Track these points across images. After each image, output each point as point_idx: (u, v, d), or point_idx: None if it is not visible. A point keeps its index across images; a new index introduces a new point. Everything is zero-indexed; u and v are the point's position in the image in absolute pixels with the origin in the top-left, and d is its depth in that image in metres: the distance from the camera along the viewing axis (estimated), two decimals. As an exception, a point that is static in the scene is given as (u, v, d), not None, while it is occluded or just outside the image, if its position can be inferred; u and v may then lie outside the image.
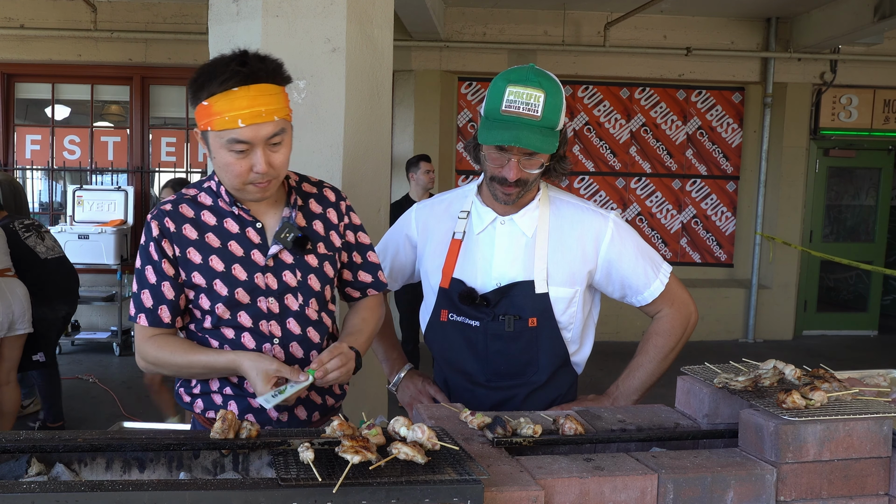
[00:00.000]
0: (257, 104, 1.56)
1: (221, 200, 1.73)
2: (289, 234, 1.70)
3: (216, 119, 1.57)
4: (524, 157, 1.78)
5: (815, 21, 7.29)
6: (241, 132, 1.56)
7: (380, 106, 2.79)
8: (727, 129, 8.13)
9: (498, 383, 1.93)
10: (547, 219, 1.91)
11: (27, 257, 4.30)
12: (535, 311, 1.88)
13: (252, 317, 1.71)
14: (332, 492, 1.06)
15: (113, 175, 7.71)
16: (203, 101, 1.59)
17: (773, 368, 1.49)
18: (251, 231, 1.72)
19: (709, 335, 7.94)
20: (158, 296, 1.69)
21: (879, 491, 1.31)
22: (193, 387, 1.77)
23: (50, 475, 1.29)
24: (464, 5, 7.40)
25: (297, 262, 1.74)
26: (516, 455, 1.32)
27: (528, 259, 1.89)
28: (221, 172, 1.65)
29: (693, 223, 8.21)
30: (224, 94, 1.56)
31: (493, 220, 1.92)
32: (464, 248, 1.94)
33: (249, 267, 1.70)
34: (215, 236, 1.71)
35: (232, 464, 1.37)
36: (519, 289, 1.87)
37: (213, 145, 1.62)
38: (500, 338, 1.89)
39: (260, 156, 1.59)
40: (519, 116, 1.74)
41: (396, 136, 7.52)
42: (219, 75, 1.57)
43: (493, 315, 1.88)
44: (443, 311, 1.95)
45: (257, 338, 1.71)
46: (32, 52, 7.23)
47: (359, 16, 2.66)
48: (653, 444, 1.46)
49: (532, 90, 1.75)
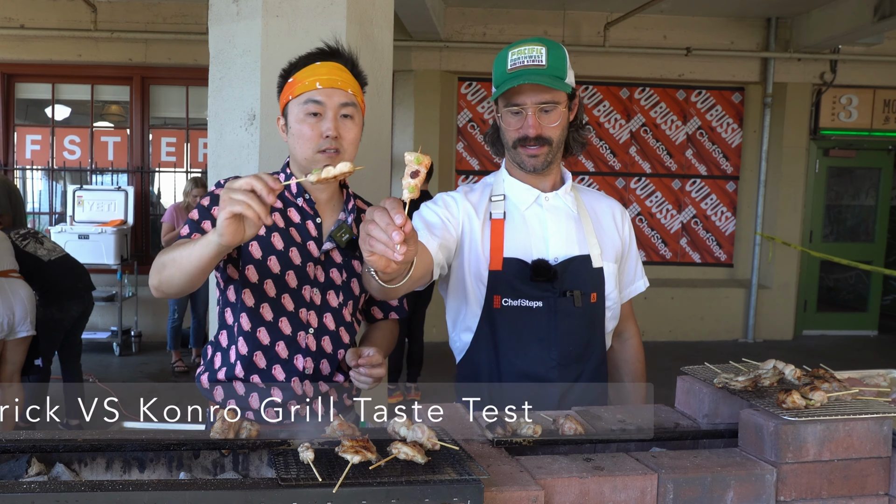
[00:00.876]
0: (334, 74, 1.74)
1: (288, 190, 1.81)
2: (344, 234, 1.78)
3: (297, 86, 1.74)
4: (541, 111, 1.79)
5: (815, 21, 7.29)
6: (317, 93, 1.72)
7: (380, 106, 2.79)
8: (727, 129, 8.13)
9: (566, 367, 1.82)
10: (581, 200, 1.95)
11: (30, 263, 4.30)
12: (595, 286, 1.85)
13: (294, 302, 1.76)
14: (332, 492, 1.06)
15: (113, 175, 7.71)
16: (289, 80, 1.77)
17: (773, 368, 1.49)
18: (311, 224, 1.80)
19: (709, 335, 7.95)
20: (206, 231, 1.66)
21: (879, 491, 1.32)
22: (217, 370, 1.79)
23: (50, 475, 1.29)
24: (464, 5, 7.40)
25: (344, 263, 1.83)
26: (516, 455, 1.32)
27: (580, 234, 1.87)
28: (295, 141, 1.75)
29: (693, 223, 8.22)
30: (307, 68, 1.75)
31: (538, 197, 1.88)
32: (510, 227, 1.85)
33: (304, 254, 1.78)
34: (280, 217, 1.79)
35: (232, 464, 1.37)
36: (578, 263, 1.84)
37: (291, 116, 1.75)
38: (569, 315, 1.81)
39: (331, 120, 1.71)
40: (525, 68, 1.78)
41: (396, 136, 7.52)
42: (305, 57, 1.78)
43: (559, 291, 1.80)
44: (495, 298, 1.82)
45: (294, 324, 1.76)
46: (32, 52, 7.23)
47: (359, 16, 2.66)
48: (653, 444, 1.46)
49: (533, 45, 1.80)
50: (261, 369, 1.76)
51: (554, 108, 1.79)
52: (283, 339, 1.77)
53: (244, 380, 1.77)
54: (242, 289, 1.75)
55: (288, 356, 1.77)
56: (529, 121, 1.79)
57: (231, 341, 1.80)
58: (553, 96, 1.79)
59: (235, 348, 1.78)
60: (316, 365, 1.79)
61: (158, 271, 1.63)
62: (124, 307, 6.87)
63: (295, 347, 1.77)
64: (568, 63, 1.82)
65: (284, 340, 1.77)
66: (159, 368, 6.54)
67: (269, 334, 1.76)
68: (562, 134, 1.84)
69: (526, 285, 1.80)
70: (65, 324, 4.47)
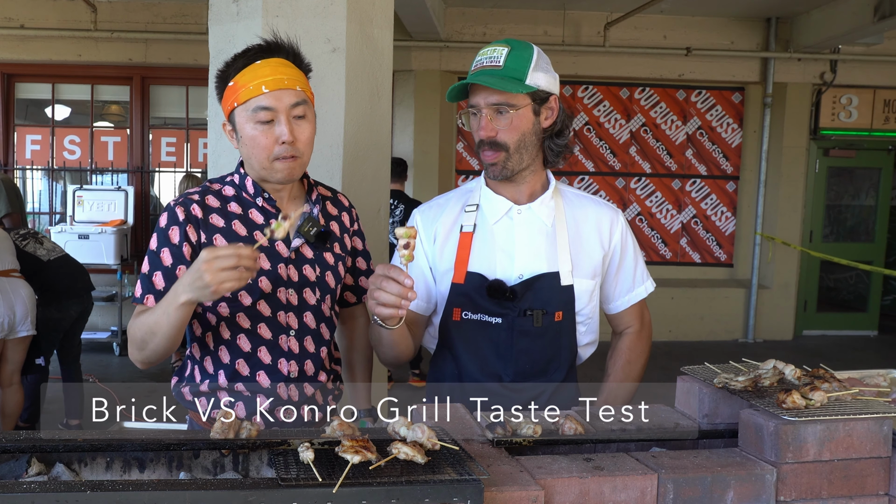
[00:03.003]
0: (279, 73, 1.65)
1: (245, 192, 1.75)
2: (312, 227, 1.73)
3: (241, 91, 1.64)
4: (494, 113, 1.73)
5: (815, 21, 7.29)
6: (265, 98, 1.63)
7: (380, 106, 2.79)
8: (727, 129, 8.13)
9: (522, 384, 1.81)
10: (563, 209, 1.86)
11: (30, 263, 4.31)
12: (561, 304, 1.79)
13: (271, 307, 1.72)
14: (332, 492, 1.06)
15: (113, 175, 7.71)
16: (230, 83, 1.67)
17: (773, 368, 1.49)
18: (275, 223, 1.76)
19: (709, 335, 7.95)
20: (172, 278, 1.66)
21: (879, 491, 1.31)
22: (200, 383, 1.75)
23: (50, 475, 1.29)
24: (464, 5, 7.40)
25: (316, 257, 1.78)
26: (516, 455, 1.32)
27: (551, 250, 1.80)
28: (249, 151, 1.68)
29: (693, 223, 8.21)
30: (248, 68, 1.65)
31: (510, 210, 1.82)
32: (478, 240, 1.82)
33: (273, 257, 1.72)
34: (242, 225, 1.73)
35: (232, 464, 1.37)
36: (545, 281, 1.78)
37: (239, 123, 1.67)
38: (527, 335, 1.78)
39: (284, 124, 1.64)
40: (482, 68, 1.76)
41: (396, 136, 7.52)
42: (243, 56, 1.68)
43: (518, 310, 1.76)
44: (455, 310, 1.81)
45: (274, 328, 1.72)
46: (32, 52, 7.23)
47: (359, 16, 2.67)
48: (653, 444, 1.46)
49: (497, 46, 1.76)
50: (244, 377, 1.72)
51: (507, 110, 1.72)
52: (265, 345, 1.73)
53: (228, 389, 1.73)
54: (218, 302, 1.70)
55: (271, 361, 1.73)
56: (482, 122, 1.75)
57: (206, 352, 1.75)
58: (506, 98, 1.72)
59: (215, 358, 1.73)
60: (300, 367, 1.75)
61: (140, 348, 1.63)
62: (124, 307, 6.87)
63: (278, 352, 1.73)
64: (534, 65, 1.74)
65: (266, 345, 1.73)
66: (159, 368, 6.52)
67: (249, 341, 1.72)
68: (521, 139, 1.75)
69: (486, 301, 1.78)
70: (63, 324, 4.47)
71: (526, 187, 1.83)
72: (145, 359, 1.65)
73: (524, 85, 1.72)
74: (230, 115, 1.69)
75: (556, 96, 1.79)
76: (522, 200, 1.84)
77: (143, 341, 1.62)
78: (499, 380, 1.81)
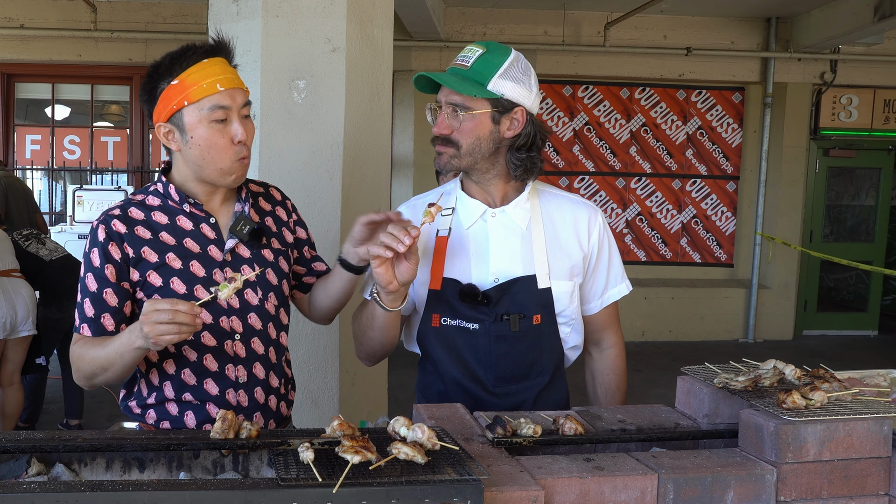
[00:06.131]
0: (228, 72, 1.64)
1: (170, 200, 1.70)
2: (244, 226, 1.69)
3: (193, 90, 1.59)
4: (451, 111, 1.73)
5: (815, 21, 7.29)
6: (220, 96, 1.60)
7: (380, 106, 2.79)
8: (727, 129, 8.13)
9: (504, 388, 1.80)
10: (539, 211, 1.82)
11: (32, 262, 4.32)
12: (539, 307, 1.77)
13: (212, 312, 1.67)
14: (332, 492, 1.06)
15: (113, 175, 7.71)
16: (173, 81, 1.61)
17: (773, 368, 1.49)
18: (205, 227, 1.70)
19: (709, 335, 7.95)
20: (100, 303, 1.63)
21: (879, 491, 1.31)
22: (147, 396, 1.70)
23: (50, 475, 1.29)
24: (464, 5, 7.40)
25: (254, 256, 1.73)
26: (516, 455, 1.32)
27: (527, 252, 1.78)
28: (202, 153, 1.62)
29: (693, 223, 8.21)
30: (196, 66, 1.60)
31: (484, 213, 1.80)
32: (453, 245, 1.79)
33: (207, 263, 1.67)
34: (169, 234, 1.67)
35: (232, 464, 1.37)
36: (521, 284, 1.76)
37: (189, 124, 1.61)
38: (505, 339, 1.76)
39: (237, 124, 1.62)
40: (452, 66, 1.76)
41: (396, 136, 7.52)
42: (186, 53, 1.62)
43: (495, 315, 1.74)
44: (434, 316, 1.79)
45: (218, 335, 1.67)
46: (32, 52, 7.24)
47: (359, 16, 2.67)
48: (653, 444, 1.46)
49: (475, 47, 1.75)
50: (192, 386, 1.67)
51: (463, 111, 1.71)
52: (210, 352, 1.68)
53: (176, 399, 1.68)
54: None
55: (218, 367, 1.68)
56: (438, 118, 1.75)
57: (150, 365, 1.69)
58: (463, 99, 1.70)
59: (160, 370, 1.69)
60: (249, 370, 1.71)
61: (88, 378, 1.63)
62: (124, 307, 6.86)
63: (224, 357, 1.68)
64: (502, 72, 1.70)
65: (211, 352, 1.68)
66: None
67: (194, 349, 1.67)
68: (476, 143, 1.72)
69: (462, 306, 1.76)
70: (64, 324, 4.47)
71: (495, 190, 1.81)
72: (93, 386, 1.67)
73: (484, 90, 1.69)
74: (173, 115, 1.62)
75: (524, 109, 1.74)
76: (496, 203, 1.81)
77: (92, 374, 1.61)
78: (482, 385, 1.79)
